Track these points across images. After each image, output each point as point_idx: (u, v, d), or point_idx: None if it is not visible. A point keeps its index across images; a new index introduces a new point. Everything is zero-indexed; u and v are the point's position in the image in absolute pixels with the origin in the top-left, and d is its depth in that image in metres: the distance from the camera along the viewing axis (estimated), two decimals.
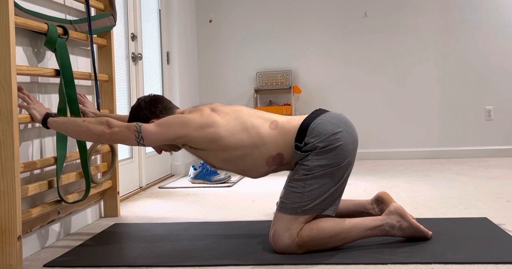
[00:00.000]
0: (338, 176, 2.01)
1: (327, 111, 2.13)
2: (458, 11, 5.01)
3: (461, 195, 3.10)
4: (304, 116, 2.11)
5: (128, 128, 2.00)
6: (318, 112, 2.11)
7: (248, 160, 2.07)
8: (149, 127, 2.01)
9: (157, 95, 2.23)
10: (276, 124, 2.09)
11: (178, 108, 2.25)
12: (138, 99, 2.24)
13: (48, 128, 2.07)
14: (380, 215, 2.29)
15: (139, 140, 2.00)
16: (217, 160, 2.09)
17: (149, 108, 2.17)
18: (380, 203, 2.27)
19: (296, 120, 2.09)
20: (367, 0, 5.11)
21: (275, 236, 2.00)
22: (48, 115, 2.07)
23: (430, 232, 2.13)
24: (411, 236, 2.09)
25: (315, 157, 1.99)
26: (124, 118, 2.38)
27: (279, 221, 2.01)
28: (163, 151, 2.24)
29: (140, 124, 2.02)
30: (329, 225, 1.99)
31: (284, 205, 2.02)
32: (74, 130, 2.03)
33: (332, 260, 1.89)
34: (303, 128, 2.04)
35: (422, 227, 2.10)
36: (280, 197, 2.07)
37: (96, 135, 2.01)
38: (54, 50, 2.22)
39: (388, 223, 2.04)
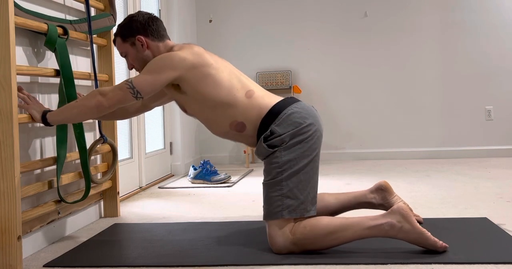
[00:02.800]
0: (311, 169, 2.02)
1: (299, 100, 2.13)
2: (458, 11, 5.01)
3: (461, 195, 3.10)
4: (278, 98, 2.11)
5: (120, 88, 2.00)
6: (290, 101, 2.10)
7: (217, 113, 2.08)
8: (140, 79, 2.00)
9: (157, 17, 2.22)
10: (251, 94, 2.09)
11: (169, 39, 2.23)
12: (139, 11, 2.22)
13: (49, 124, 2.07)
14: (381, 204, 2.27)
15: (136, 95, 1.99)
16: (192, 105, 2.11)
17: (144, 23, 2.16)
18: (383, 191, 2.25)
19: (271, 99, 2.10)
20: (367, 0, 5.11)
21: (270, 239, 2.01)
22: (45, 112, 2.06)
23: (444, 244, 1.91)
24: (416, 243, 1.92)
25: (283, 153, 2.00)
26: None
27: (270, 227, 2.01)
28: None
29: (129, 79, 2.01)
30: (322, 223, 1.97)
31: (268, 212, 2.02)
32: (72, 113, 2.04)
33: (332, 260, 1.89)
34: (274, 113, 2.04)
35: (429, 234, 1.90)
36: (263, 206, 2.06)
37: (94, 108, 2.00)
38: (54, 50, 2.22)
39: (388, 222, 1.91)
